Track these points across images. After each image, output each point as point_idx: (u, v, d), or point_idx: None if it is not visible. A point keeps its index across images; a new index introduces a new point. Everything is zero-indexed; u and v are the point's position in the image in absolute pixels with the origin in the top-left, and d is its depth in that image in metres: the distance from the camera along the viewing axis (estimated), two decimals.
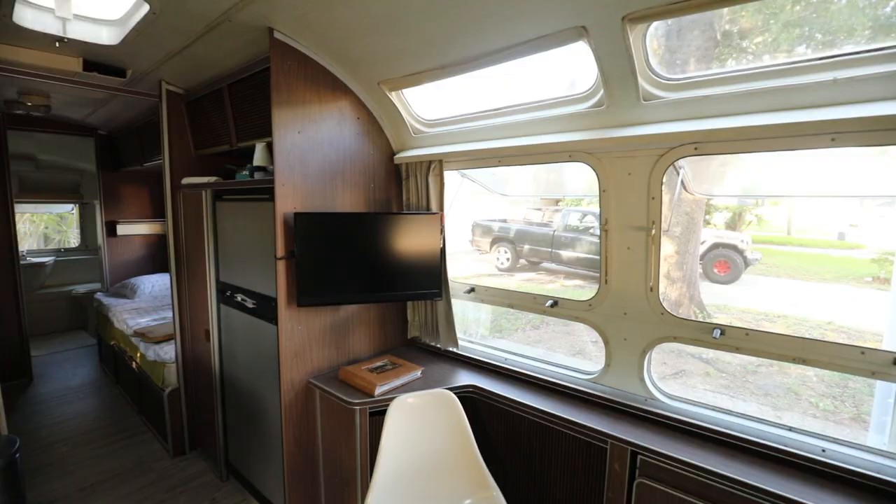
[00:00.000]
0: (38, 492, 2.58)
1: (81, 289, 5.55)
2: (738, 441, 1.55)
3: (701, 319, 4.57)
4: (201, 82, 2.62)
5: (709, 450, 1.54)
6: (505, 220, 8.84)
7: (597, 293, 1.88)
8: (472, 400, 2.08)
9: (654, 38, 1.56)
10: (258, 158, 2.14)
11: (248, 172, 2.29)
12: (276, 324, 1.99)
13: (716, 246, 7.06)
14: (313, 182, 2.04)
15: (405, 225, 2.14)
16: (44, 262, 5.69)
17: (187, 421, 2.96)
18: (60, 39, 2.14)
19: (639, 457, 1.57)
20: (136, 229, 4.79)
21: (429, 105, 2.29)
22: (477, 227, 8.84)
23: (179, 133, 2.80)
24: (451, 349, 2.40)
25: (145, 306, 4.00)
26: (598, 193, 1.82)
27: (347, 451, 1.98)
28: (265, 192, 2.07)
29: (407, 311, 2.49)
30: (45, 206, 6.38)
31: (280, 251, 1.93)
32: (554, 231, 7.68)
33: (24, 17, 1.97)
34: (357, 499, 1.95)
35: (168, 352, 2.93)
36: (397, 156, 2.37)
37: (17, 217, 4.13)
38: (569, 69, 1.91)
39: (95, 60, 2.45)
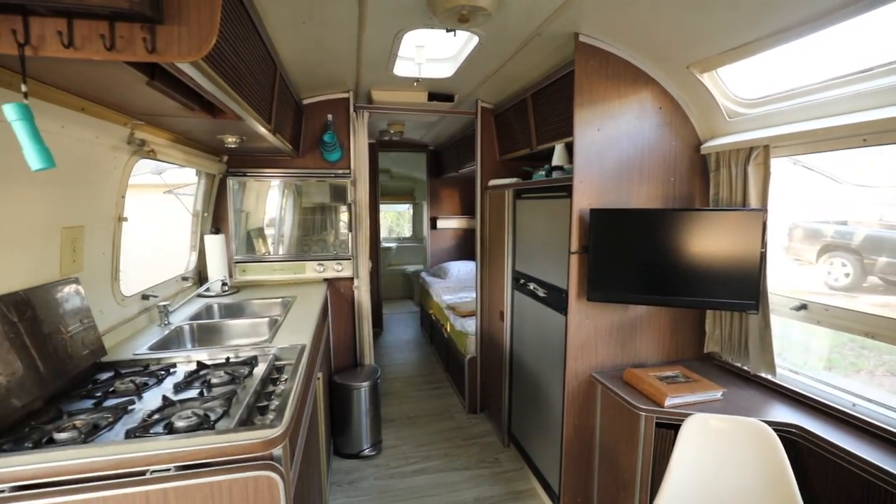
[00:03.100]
0: (385, 410, 3.55)
1: (410, 268, 7.30)
2: None
3: None
4: (508, 96, 3.00)
5: None
6: (845, 222, 6.54)
7: None
8: (792, 443, 1.66)
9: None
10: (557, 158, 2.29)
11: (544, 172, 2.49)
12: (565, 314, 2.11)
13: None
14: (609, 178, 2.04)
15: (713, 223, 1.88)
16: (390, 247, 7.75)
17: (480, 386, 3.49)
18: (416, 80, 2.84)
19: None
20: (449, 224, 5.94)
21: (743, 82, 1.94)
22: (796, 230, 6.85)
23: (488, 142, 3.30)
24: (762, 374, 1.98)
25: (453, 286, 4.93)
26: None
27: (627, 456, 1.92)
28: (561, 189, 2.20)
29: (706, 322, 2.19)
30: (392, 206, 8.66)
31: (574, 246, 2.03)
32: None
33: (398, 68, 2.70)
34: None
35: (470, 325, 3.52)
36: (705, 145, 2.10)
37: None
38: None
39: (435, 91, 3.13)
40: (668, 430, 1.80)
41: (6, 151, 1.22)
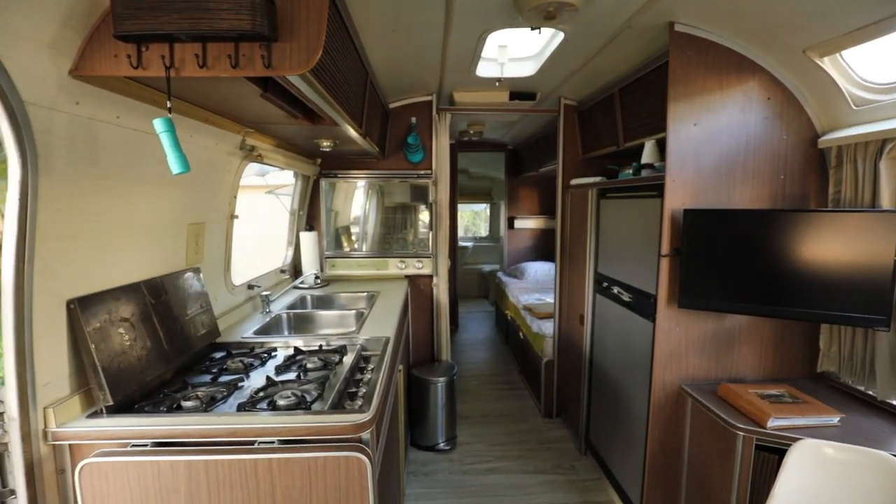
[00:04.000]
0: (459, 407, 3.60)
1: (486, 268, 7.32)
2: None
3: None
4: (593, 92, 2.90)
5: None
6: None
7: None
8: None
9: None
10: (647, 156, 2.17)
11: (632, 171, 2.38)
12: (653, 321, 1.99)
13: None
14: (706, 176, 1.89)
15: (833, 226, 1.67)
16: (467, 246, 7.83)
17: (557, 390, 3.41)
18: (498, 80, 2.85)
19: None
20: (527, 224, 5.87)
21: (872, 64, 1.69)
22: None
23: (571, 140, 3.21)
24: (892, 402, 1.72)
25: (530, 287, 4.86)
26: None
27: (720, 478, 1.77)
28: (651, 188, 2.08)
29: (820, 337, 1.95)
30: (469, 206, 8.74)
31: (665, 248, 1.91)
32: None
33: (481, 69, 2.72)
34: None
35: (548, 328, 3.46)
36: (824, 138, 1.87)
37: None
38: None
39: (516, 90, 3.11)
40: (771, 454, 1.63)
41: (148, 160, 1.44)
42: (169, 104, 1.15)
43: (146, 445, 1.18)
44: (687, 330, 1.97)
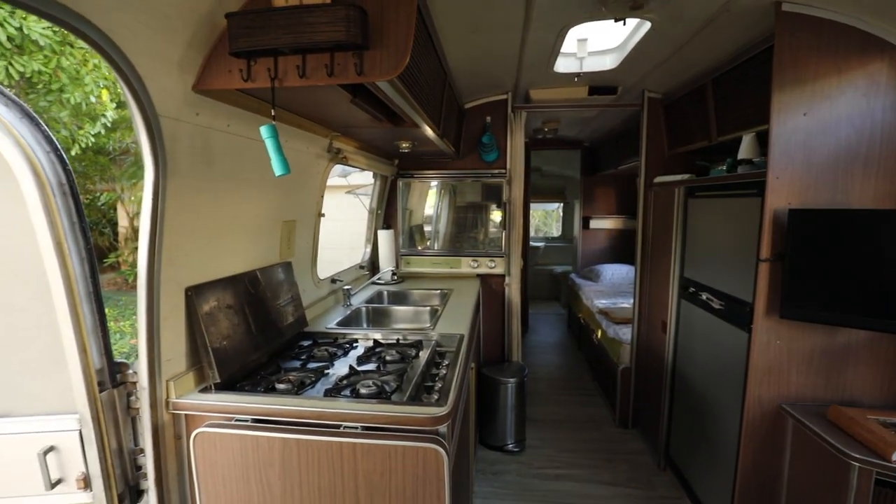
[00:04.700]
0: (529, 409, 3.55)
1: (558, 269, 7.13)
2: None
3: None
4: (680, 84, 2.71)
5: None
6: None
7: None
8: None
9: None
10: (745, 150, 1.99)
11: (725, 167, 2.19)
12: (749, 331, 1.82)
13: None
14: (818, 172, 1.69)
15: None
16: (538, 246, 7.69)
17: (633, 400, 3.24)
18: (577, 75, 2.76)
19: None
20: (602, 224, 5.62)
21: None
22: None
23: (655, 135, 3.03)
24: None
25: (605, 290, 4.66)
26: None
27: None
28: (748, 186, 1.91)
29: None
30: (541, 205, 8.57)
31: (765, 252, 1.74)
32: None
33: (559, 65, 2.66)
34: None
35: (625, 333, 3.29)
36: None
37: None
38: None
39: (596, 85, 2.99)
40: (894, 490, 1.43)
41: (251, 163, 1.58)
42: (273, 112, 1.26)
43: (247, 421, 1.30)
44: (789, 343, 1.78)
